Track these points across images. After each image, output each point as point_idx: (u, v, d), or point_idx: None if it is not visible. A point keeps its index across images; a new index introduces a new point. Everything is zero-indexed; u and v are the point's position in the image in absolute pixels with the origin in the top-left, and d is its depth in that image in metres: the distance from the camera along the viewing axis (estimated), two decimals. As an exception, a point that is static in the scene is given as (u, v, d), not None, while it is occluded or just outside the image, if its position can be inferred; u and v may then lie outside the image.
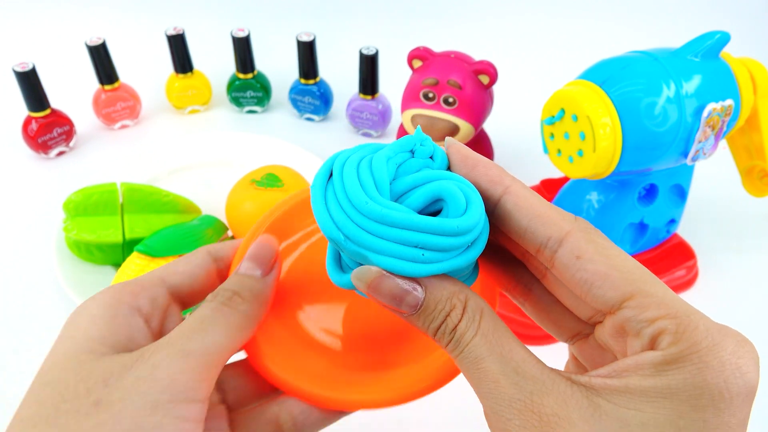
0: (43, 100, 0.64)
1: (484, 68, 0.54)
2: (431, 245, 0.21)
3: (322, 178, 0.23)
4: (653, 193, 0.50)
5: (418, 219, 0.21)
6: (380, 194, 0.21)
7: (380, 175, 0.22)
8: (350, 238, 0.21)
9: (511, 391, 0.19)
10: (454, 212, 0.21)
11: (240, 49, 0.69)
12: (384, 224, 0.21)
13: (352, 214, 0.21)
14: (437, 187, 0.22)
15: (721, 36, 0.44)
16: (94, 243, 0.50)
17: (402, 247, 0.21)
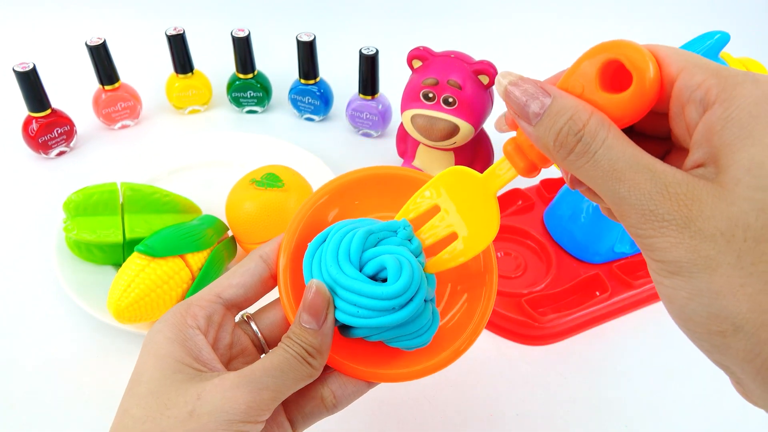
0: (44, 100, 0.64)
1: (484, 68, 0.54)
2: (363, 305, 0.28)
3: (317, 240, 0.30)
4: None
5: (356, 283, 0.28)
6: (350, 261, 0.28)
7: (355, 246, 0.28)
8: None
9: (648, 187, 0.20)
10: (391, 280, 0.27)
11: (240, 49, 0.69)
12: (337, 284, 0.28)
13: (323, 272, 0.29)
14: (382, 259, 0.28)
15: (720, 36, 0.44)
16: (94, 243, 0.50)
17: (345, 303, 0.28)
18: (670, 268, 0.20)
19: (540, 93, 0.23)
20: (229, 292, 0.31)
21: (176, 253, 0.47)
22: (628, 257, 0.53)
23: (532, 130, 0.23)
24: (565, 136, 0.22)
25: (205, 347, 0.29)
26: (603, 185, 0.21)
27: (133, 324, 0.46)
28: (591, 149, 0.21)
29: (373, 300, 0.28)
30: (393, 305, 0.28)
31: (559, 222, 0.54)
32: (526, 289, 0.51)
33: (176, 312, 0.29)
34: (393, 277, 0.28)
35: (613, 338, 0.50)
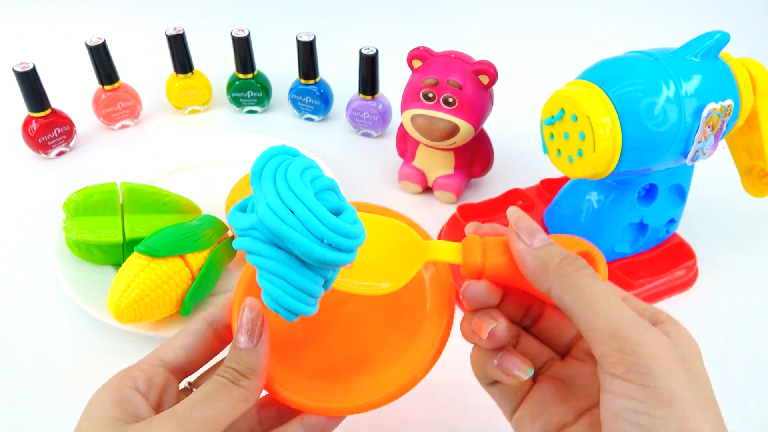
0: (44, 100, 0.64)
1: (484, 68, 0.54)
2: (312, 227, 0.25)
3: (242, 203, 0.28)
4: (653, 193, 0.50)
5: (316, 204, 0.26)
6: (303, 183, 0.26)
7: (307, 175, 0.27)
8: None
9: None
10: (346, 220, 0.27)
11: (240, 49, 0.69)
12: (298, 200, 0.25)
13: (280, 189, 0.26)
14: (334, 201, 0.28)
15: (720, 36, 0.44)
16: (94, 243, 0.50)
17: (295, 219, 0.25)
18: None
19: (540, 232, 0.29)
20: (171, 354, 0.31)
21: (176, 253, 0.47)
22: (628, 257, 0.53)
23: (532, 250, 0.28)
24: (573, 258, 0.27)
25: (144, 407, 0.28)
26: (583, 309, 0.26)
27: (133, 324, 0.46)
28: (590, 272, 0.27)
29: (323, 227, 0.25)
30: (334, 242, 0.26)
31: (559, 222, 0.54)
32: (526, 289, 0.51)
33: (116, 376, 0.30)
34: (350, 219, 0.27)
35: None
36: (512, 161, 0.67)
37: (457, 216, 0.57)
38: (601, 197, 0.51)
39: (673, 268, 0.53)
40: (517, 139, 0.69)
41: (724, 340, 0.50)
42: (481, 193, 0.63)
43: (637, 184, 0.49)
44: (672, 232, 0.55)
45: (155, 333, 0.47)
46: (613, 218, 0.50)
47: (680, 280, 0.53)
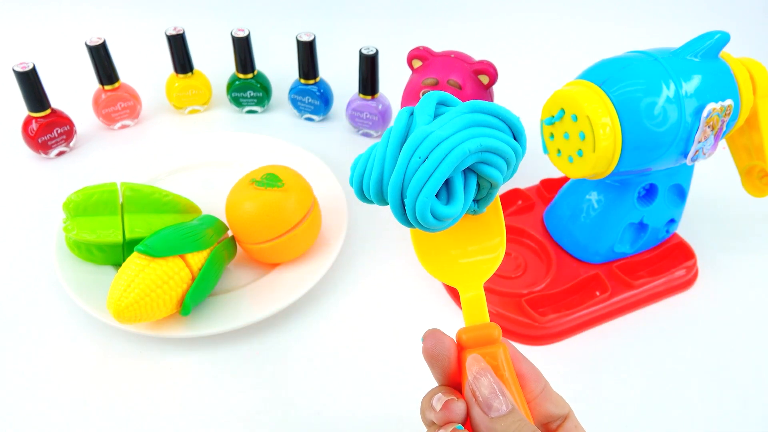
0: (43, 100, 0.64)
1: (484, 68, 0.54)
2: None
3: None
4: (653, 193, 0.50)
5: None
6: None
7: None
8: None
9: None
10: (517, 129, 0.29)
11: (240, 49, 0.69)
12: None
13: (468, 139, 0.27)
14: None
15: (720, 36, 0.44)
16: (94, 243, 0.50)
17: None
18: None
19: (503, 394, 0.27)
20: None
21: (176, 253, 0.47)
22: (628, 257, 0.53)
23: (486, 420, 0.26)
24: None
25: None
26: None
27: (133, 324, 0.46)
28: None
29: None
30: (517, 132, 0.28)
31: (559, 222, 0.54)
32: (526, 289, 0.51)
33: None
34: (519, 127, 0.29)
35: (613, 338, 0.50)
36: (512, 161, 0.67)
37: (457, 216, 0.57)
38: (601, 197, 0.51)
39: (674, 268, 0.53)
40: (517, 139, 0.69)
41: (724, 340, 0.50)
42: (481, 193, 0.63)
43: (637, 184, 0.49)
44: (672, 232, 0.55)
45: (155, 333, 0.47)
46: (613, 218, 0.50)
47: (680, 280, 0.53)
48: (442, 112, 0.28)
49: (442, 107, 0.29)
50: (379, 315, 0.52)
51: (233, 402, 0.45)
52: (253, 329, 0.50)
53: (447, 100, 0.29)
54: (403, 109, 0.28)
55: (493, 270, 0.31)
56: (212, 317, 0.48)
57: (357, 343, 0.49)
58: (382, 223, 0.60)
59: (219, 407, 0.45)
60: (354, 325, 0.51)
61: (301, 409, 0.45)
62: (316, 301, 0.52)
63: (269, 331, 0.50)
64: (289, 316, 0.51)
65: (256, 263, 0.54)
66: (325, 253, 0.53)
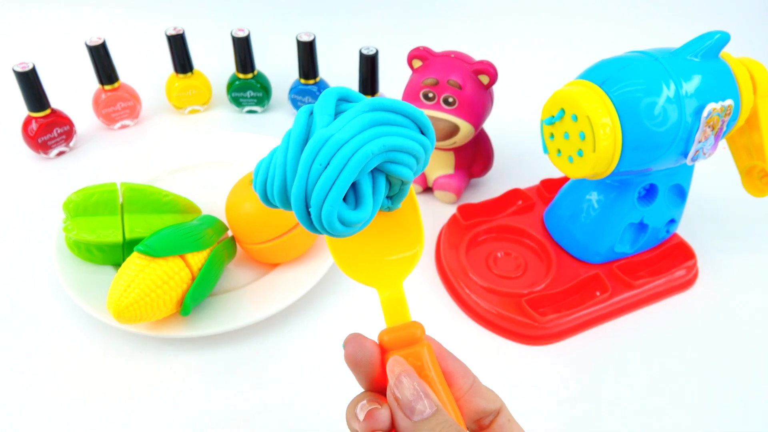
0: (43, 100, 0.64)
1: (484, 68, 0.54)
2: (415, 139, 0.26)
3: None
4: (653, 193, 0.50)
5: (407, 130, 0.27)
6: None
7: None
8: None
9: None
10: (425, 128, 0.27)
11: (240, 49, 0.69)
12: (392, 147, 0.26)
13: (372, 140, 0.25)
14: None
15: (720, 36, 0.44)
16: (94, 243, 0.50)
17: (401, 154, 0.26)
18: None
19: (426, 396, 0.26)
20: None
21: (176, 253, 0.47)
22: (628, 257, 0.53)
23: (410, 424, 0.25)
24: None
25: None
26: None
27: (132, 324, 0.46)
28: None
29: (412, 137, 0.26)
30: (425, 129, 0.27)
31: (559, 222, 0.54)
32: (526, 289, 0.51)
33: None
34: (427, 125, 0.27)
35: (613, 338, 0.50)
36: (512, 161, 0.67)
37: (457, 216, 0.57)
38: (601, 197, 0.51)
39: (674, 268, 0.53)
40: (517, 139, 0.69)
41: (724, 340, 0.50)
42: (481, 193, 0.63)
43: (637, 184, 0.49)
44: (672, 232, 0.55)
45: (155, 333, 0.47)
46: (613, 218, 0.50)
47: (680, 280, 0.53)
48: (344, 109, 0.26)
49: (343, 104, 0.27)
50: (379, 315, 0.51)
51: (233, 402, 0.45)
52: (253, 329, 0.50)
53: (348, 95, 0.27)
54: (301, 108, 0.26)
55: (412, 267, 0.30)
56: (212, 317, 0.48)
57: (357, 343, 0.49)
58: (382, 223, 0.60)
59: (219, 407, 0.45)
60: (354, 325, 0.51)
61: (301, 409, 0.45)
62: (316, 301, 0.52)
63: (269, 331, 0.50)
64: (289, 316, 0.51)
65: (256, 263, 0.54)
66: (325, 253, 0.53)
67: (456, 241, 0.55)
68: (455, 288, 0.52)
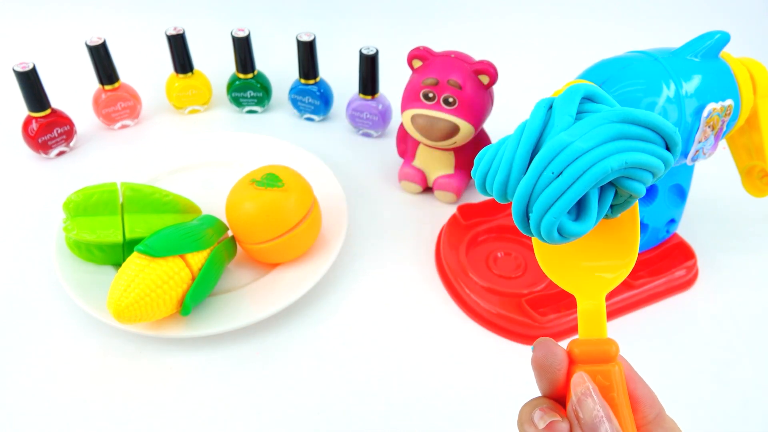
0: (44, 100, 0.64)
1: (484, 68, 0.54)
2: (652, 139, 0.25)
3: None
4: (653, 193, 0.50)
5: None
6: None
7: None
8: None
9: None
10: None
11: (240, 49, 0.69)
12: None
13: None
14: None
15: (720, 36, 0.44)
16: (94, 243, 0.50)
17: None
18: None
19: (609, 420, 0.25)
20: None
21: (176, 253, 0.47)
22: (628, 257, 0.53)
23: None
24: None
25: None
26: None
27: (133, 324, 0.46)
28: None
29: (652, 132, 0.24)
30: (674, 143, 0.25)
31: (559, 222, 0.54)
32: (526, 289, 0.51)
33: None
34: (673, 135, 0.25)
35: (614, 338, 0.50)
36: (512, 161, 0.67)
37: (457, 216, 0.57)
38: (601, 197, 0.51)
39: (674, 268, 0.53)
40: (517, 139, 0.69)
41: (724, 340, 0.50)
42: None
43: (637, 184, 0.49)
44: (672, 232, 0.55)
45: (155, 333, 0.47)
46: (613, 218, 0.50)
47: (680, 280, 0.53)
48: (588, 109, 0.25)
49: (588, 103, 0.25)
50: (379, 315, 0.52)
51: (233, 402, 0.45)
52: (253, 329, 0.50)
53: (595, 95, 0.25)
54: (540, 100, 0.24)
55: (619, 281, 0.28)
56: (212, 317, 0.48)
57: (357, 343, 0.49)
58: (382, 223, 0.60)
59: (219, 407, 0.45)
60: (354, 324, 0.51)
61: (301, 409, 0.45)
62: (316, 301, 0.52)
63: (269, 331, 0.50)
64: (289, 316, 0.51)
65: (256, 263, 0.54)
66: (325, 253, 0.53)
67: (456, 241, 0.55)
68: (455, 288, 0.52)
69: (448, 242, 0.55)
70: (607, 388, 0.26)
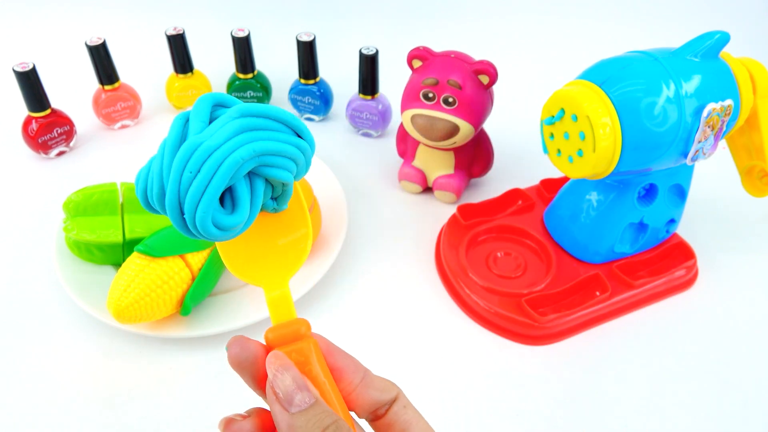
0: (44, 100, 0.64)
1: (484, 68, 0.54)
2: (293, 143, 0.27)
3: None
4: (653, 193, 0.50)
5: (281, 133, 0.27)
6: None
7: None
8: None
9: None
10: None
11: (240, 49, 0.69)
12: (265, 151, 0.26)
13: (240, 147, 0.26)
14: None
15: (720, 36, 0.44)
16: (94, 243, 0.50)
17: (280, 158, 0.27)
18: None
19: (305, 389, 0.26)
20: None
21: (176, 253, 0.47)
22: (628, 257, 0.53)
23: (287, 417, 0.26)
24: (334, 429, 0.25)
25: None
26: None
27: (133, 324, 0.46)
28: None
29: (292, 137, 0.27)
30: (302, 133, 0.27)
31: (559, 222, 0.54)
32: (526, 289, 0.51)
33: None
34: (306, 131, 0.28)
35: (613, 338, 0.50)
36: (512, 161, 0.67)
37: (457, 216, 0.57)
38: (601, 197, 0.51)
39: (673, 268, 0.53)
40: (517, 139, 0.69)
41: (724, 340, 0.50)
42: (481, 193, 0.63)
43: (637, 184, 0.49)
44: (672, 232, 0.55)
45: (155, 333, 0.47)
46: (613, 218, 0.50)
47: (680, 280, 0.53)
48: (219, 114, 0.26)
49: (220, 110, 0.27)
50: (379, 315, 0.52)
51: (233, 402, 0.45)
52: (253, 329, 0.50)
53: (224, 101, 0.27)
54: (177, 115, 0.27)
55: (298, 266, 0.30)
56: (212, 317, 0.49)
57: (357, 342, 0.49)
58: (382, 223, 0.60)
59: (219, 407, 0.45)
60: (354, 324, 0.51)
61: (301, 409, 0.45)
62: (316, 301, 0.52)
63: (269, 331, 0.50)
64: (289, 316, 0.51)
65: (256, 263, 0.54)
66: (325, 253, 0.53)
67: (456, 241, 0.55)
68: (455, 288, 0.52)
69: (448, 242, 0.55)
70: (303, 363, 0.28)
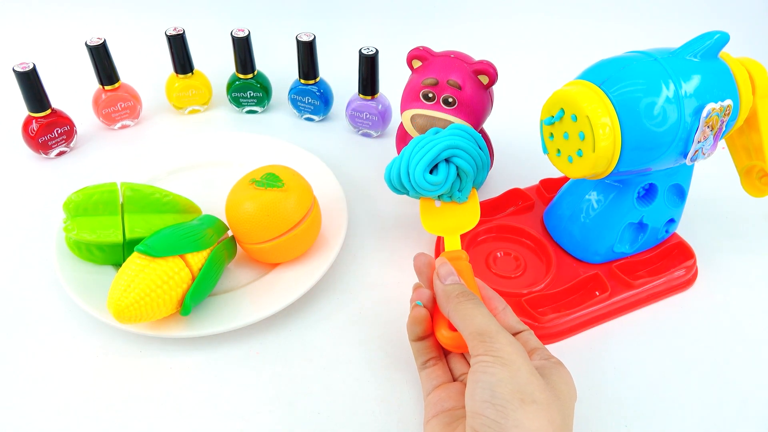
0: (44, 100, 0.64)
1: (484, 68, 0.54)
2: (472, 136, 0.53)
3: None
4: (652, 193, 0.50)
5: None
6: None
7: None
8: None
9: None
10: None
11: (240, 49, 0.69)
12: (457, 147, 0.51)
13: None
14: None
15: (720, 36, 0.44)
16: (94, 243, 0.50)
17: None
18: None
19: (453, 273, 0.43)
20: None
21: (176, 253, 0.47)
22: (627, 257, 0.53)
23: (442, 285, 0.42)
24: (467, 294, 0.40)
25: None
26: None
27: (133, 324, 0.46)
28: (475, 302, 0.40)
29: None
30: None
31: (559, 222, 0.54)
32: (526, 289, 0.51)
33: None
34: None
35: (613, 338, 0.50)
36: (512, 161, 0.67)
37: (457, 216, 0.57)
38: (600, 197, 0.51)
39: (673, 268, 0.53)
40: (517, 139, 0.69)
41: (724, 340, 0.50)
42: (480, 193, 0.63)
43: (637, 184, 0.49)
44: (672, 232, 0.55)
45: (155, 333, 0.47)
46: (613, 218, 0.51)
47: (680, 280, 0.53)
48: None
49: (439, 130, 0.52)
50: (379, 315, 0.52)
51: (233, 402, 0.45)
52: (253, 329, 0.50)
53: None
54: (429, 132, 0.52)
55: (467, 228, 0.50)
56: (212, 317, 0.49)
57: (357, 342, 0.49)
58: (382, 223, 0.60)
59: (219, 407, 0.45)
60: (354, 324, 0.51)
61: (301, 409, 0.45)
62: (316, 301, 0.52)
63: (269, 331, 0.50)
64: (289, 316, 0.51)
65: (256, 263, 0.54)
66: (325, 253, 0.53)
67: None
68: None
69: (447, 242, 0.55)
70: (457, 272, 0.43)
